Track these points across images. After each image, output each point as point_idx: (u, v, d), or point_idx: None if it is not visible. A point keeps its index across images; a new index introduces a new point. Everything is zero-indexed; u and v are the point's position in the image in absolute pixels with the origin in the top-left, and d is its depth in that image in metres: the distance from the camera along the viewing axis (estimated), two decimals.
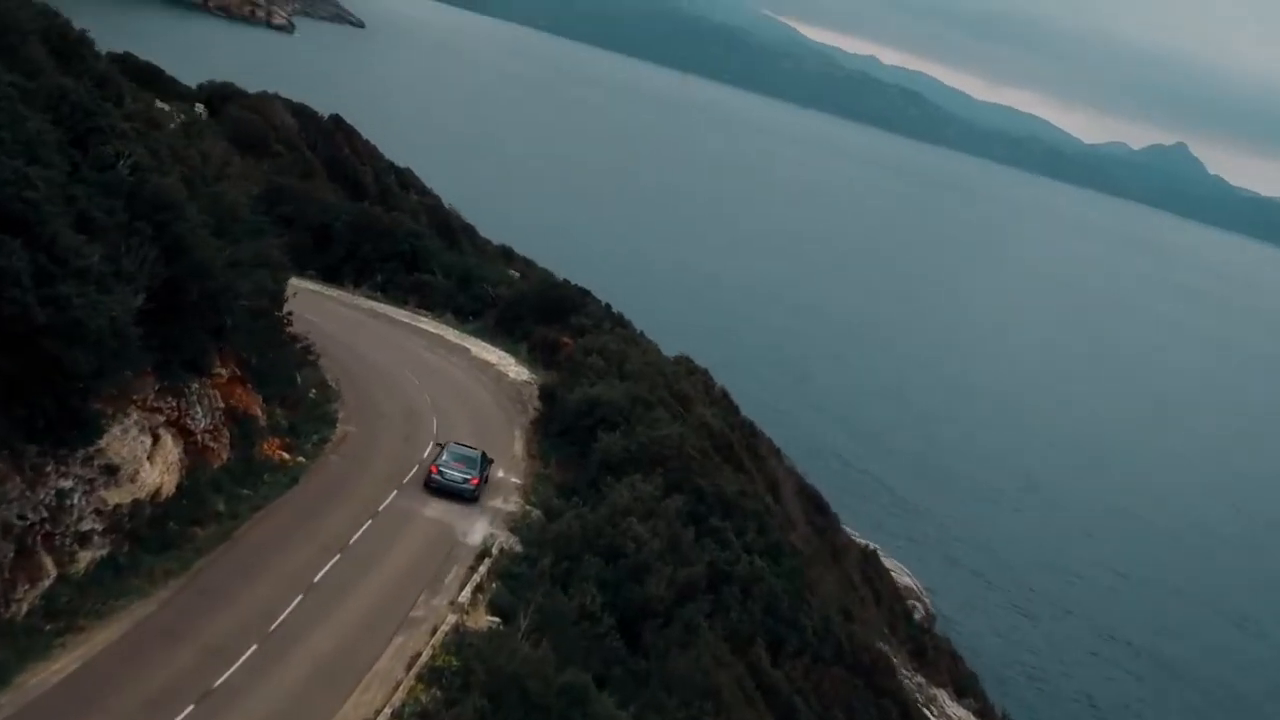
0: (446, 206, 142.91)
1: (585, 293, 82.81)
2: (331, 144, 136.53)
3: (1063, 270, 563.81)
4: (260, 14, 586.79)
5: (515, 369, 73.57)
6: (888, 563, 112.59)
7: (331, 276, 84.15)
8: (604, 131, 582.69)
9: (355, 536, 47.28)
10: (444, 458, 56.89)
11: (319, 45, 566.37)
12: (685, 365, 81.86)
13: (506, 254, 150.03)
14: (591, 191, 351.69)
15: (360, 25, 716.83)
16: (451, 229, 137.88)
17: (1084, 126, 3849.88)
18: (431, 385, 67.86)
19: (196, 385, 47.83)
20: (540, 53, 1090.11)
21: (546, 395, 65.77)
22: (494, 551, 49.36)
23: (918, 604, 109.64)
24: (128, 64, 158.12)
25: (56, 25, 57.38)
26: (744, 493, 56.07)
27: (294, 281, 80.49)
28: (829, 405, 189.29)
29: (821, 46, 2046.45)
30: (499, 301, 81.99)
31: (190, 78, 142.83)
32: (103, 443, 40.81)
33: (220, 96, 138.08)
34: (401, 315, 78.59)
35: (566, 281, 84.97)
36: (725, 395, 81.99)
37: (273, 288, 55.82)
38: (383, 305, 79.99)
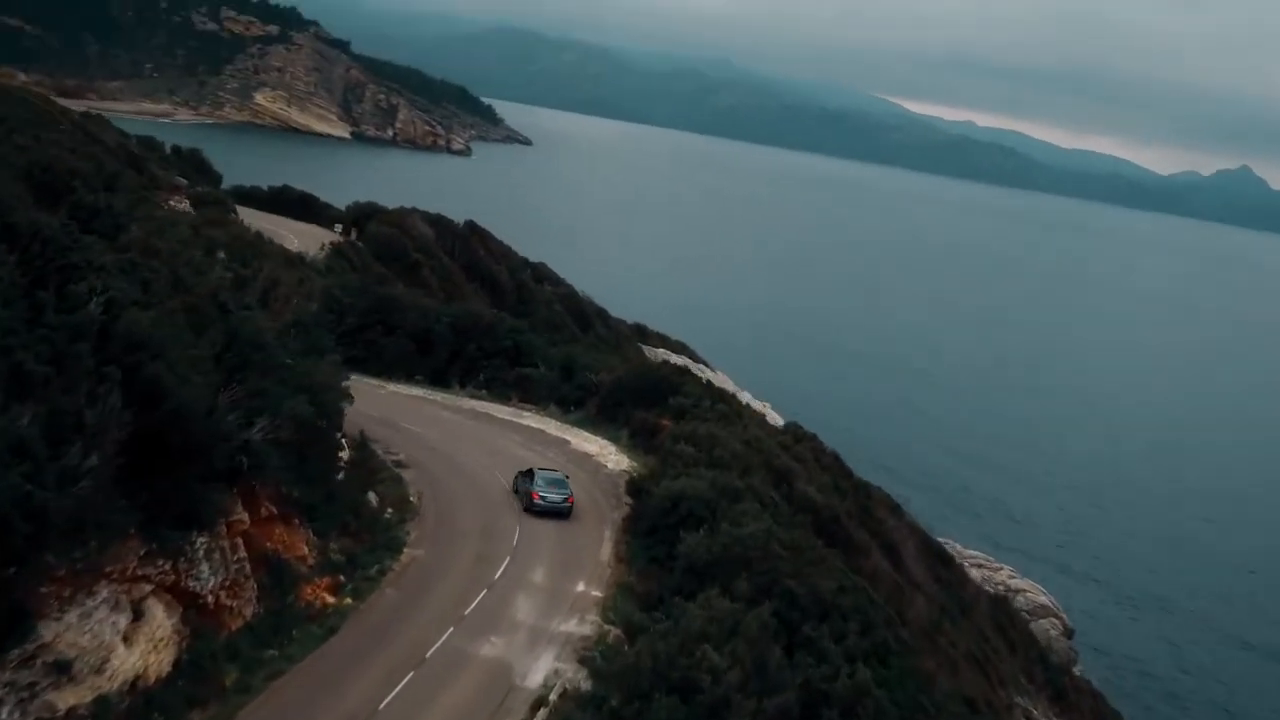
0: (580, 293, 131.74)
1: (684, 371, 70.72)
2: (468, 248, 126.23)
3: (1172, 289, 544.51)
4: (441, 142, 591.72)
5: (615, 458, 61.58)
6: (1021, 583, 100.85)
7: (439, 380, 73.20)
8: (739, 206, 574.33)
9: (388, 699, 35.23)
10: (539, 483, 54.43)
11: (493, 163, 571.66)
12: (793, 433, 69.39)
13: (640, 331, 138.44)
14: (738, 258, 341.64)
15: (528, 143, 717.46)
16: (584, 313, 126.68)
17: (1159, 160, 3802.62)
18: None
19: (203, 539, 36.27)
20: (678, 146, 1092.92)
21: (634, 490, 53.45)
22: (552, 698, 37.01)
23: (1055, 621, 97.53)
24: (284, 195, 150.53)
25: (41, 160, 47.08)
26: (843, 588, 43.29)
27: (397, 389, 69.81)
28: (969, 435, 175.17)
29: (924, 118, 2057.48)
30: (600, 389, 69.86)
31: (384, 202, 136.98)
32: (47, 636, 29.48)
33: (365, 215, 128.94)
34: (503, 412, 67.32)
35: (665, 362, 72.88)
36: (837, 459, 69.06)
37: (314, 411, 43.75)
38: (486, 404, 68.87)
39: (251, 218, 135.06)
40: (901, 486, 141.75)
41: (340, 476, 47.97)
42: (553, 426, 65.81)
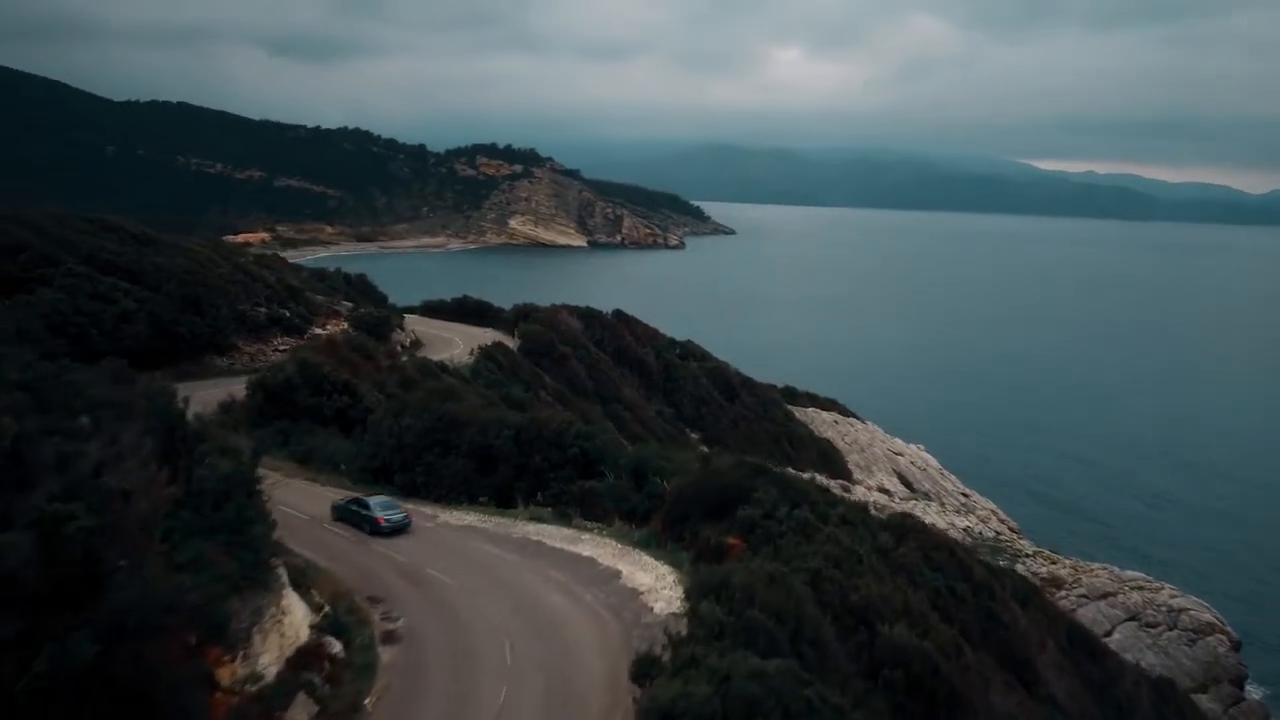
0: (726, 366, 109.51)
1: (760, 471, 47.72)
2: (615, 336, 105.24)
3: None
4: (660, 240, 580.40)
5: (668, 594, 39.27)
6: (1184, 601, 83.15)
7: (503, 498, 51.75)
8: (903, 260, 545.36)
9: None
10: (376, 509, 47.14)
11: (701, 251, 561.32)
12: (898, 529, 46.21)
13: (789, 393, 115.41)
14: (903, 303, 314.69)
15: (732, 232, 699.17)
16: (730, 384, 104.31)
17: (1252, 182, 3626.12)
18: (527, 664, 34.08)
19: None
20: (851, 220, 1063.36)
21: (641, 674, 31.14)
22: None
23: (1222, 637, 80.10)
24: (465, 304, 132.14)
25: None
26: None
27: (450, 517, 48.99)
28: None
29: (1053, 172, 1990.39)
30: (667, 498, 47.51)
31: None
32: None
33: (523, 316, 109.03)
34: (559, 538, 45.63)
35: (743, 460, 49.78)
36: (952, 553, 45.59)
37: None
38: (542, 528, 47.18)
39: (431, 326, 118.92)
40: (1054, 510, 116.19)
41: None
42: (610, 552, 44.06)
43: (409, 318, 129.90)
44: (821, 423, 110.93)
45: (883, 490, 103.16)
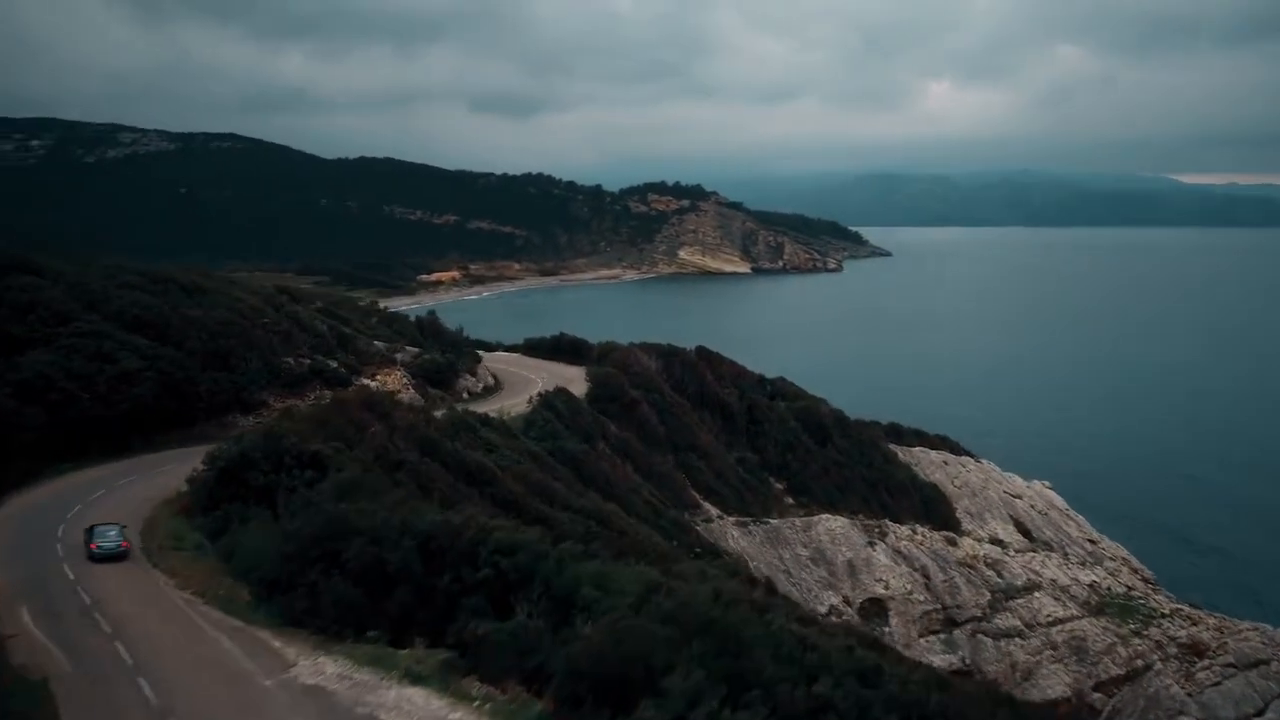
0: (820, 406, 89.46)
1: (701, 630, 28.11)
2: (697, 375, 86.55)
3: None
4: (819, 264, 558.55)
5: None
6: None
7: (401, 635, 33.62)
8: (1043, 276, 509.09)
9: None
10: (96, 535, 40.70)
11: (858, 273, 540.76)
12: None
13: (894, 431, 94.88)
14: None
15: (889, 254, 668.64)
16: (822, 425, 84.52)
17: None
18: None
19: None
20: (999, 239, 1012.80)
21: None
22: None
23: None
24: (560, 341, 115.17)
25: None
26: None
27: (305, 667, 31.44)
28: None
29: (1196, 185, 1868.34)
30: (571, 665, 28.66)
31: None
32: None
33: (602, 355, 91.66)
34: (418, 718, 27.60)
35: (682, 606, 29.92)
36: None
37: None
38: (411, 695, 29.15)
39: (523, 365, 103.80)
40: (1196, 554, 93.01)
41: None
42: None
43: (503, 355, 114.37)
44: (929, 464, 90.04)
45: (995, 541, 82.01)
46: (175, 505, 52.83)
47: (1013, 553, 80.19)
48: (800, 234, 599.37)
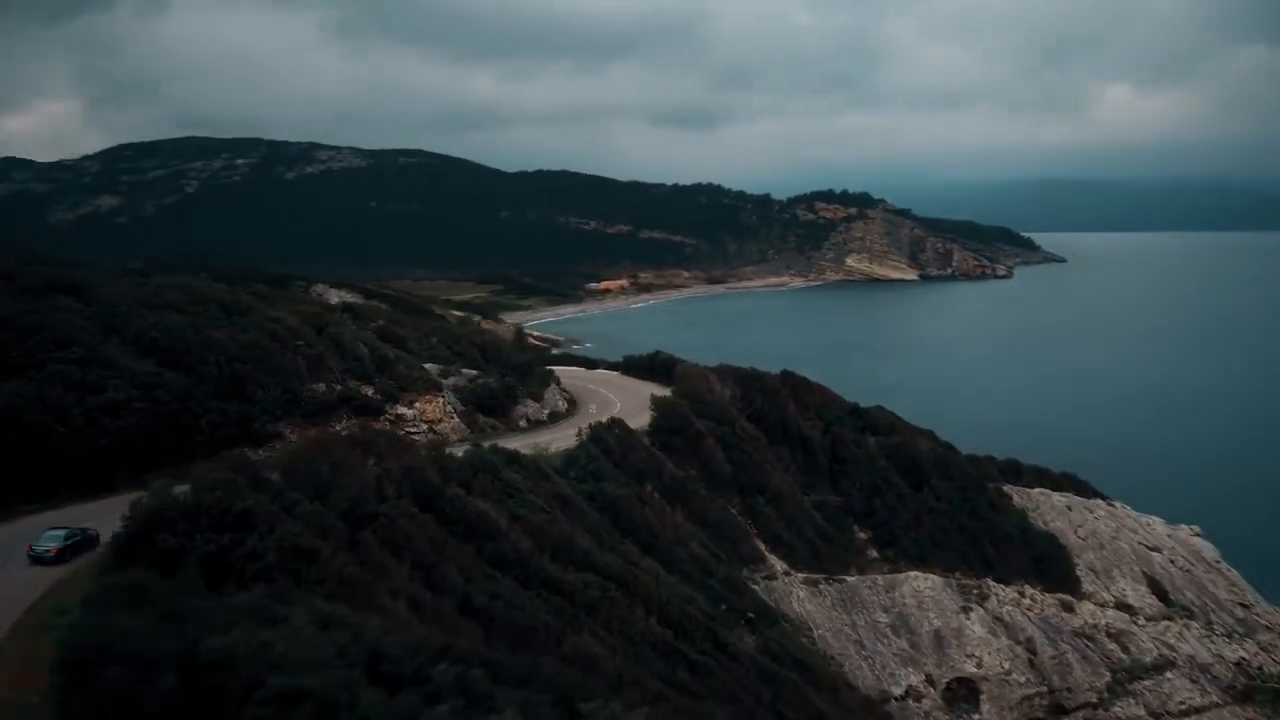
0: (916, 443, 74.52)
1: None
2: (777, 404, 73.14)
3: None
4: (989, 271, 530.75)
5: None
6: None
7: None
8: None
9: None
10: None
11: (1028, 280, 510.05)
12: None
13: (1011, 469, 79.53)
14: None
15: (1063, 260, 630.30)
16: (918, 465, 70.10)
17: None
18: None
19: None
20: (1174, 244, 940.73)
21: None
22: None
23: None
24: (655, 360, 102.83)
25: None
26: None
27: None
28: None
29: None
30: None
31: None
32: None
33: (682, 378, 79.59)
34: None
35: None
36: None
37: None
38: None
39: (612, 385, 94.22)
40: None
41: None
42: None
43: (602, 375, 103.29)
44: (1049, 510, 74.23)
45: (1123, 606, 66.17)
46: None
47: (1143, 621, 64.31)
48: (970, 240, 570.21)
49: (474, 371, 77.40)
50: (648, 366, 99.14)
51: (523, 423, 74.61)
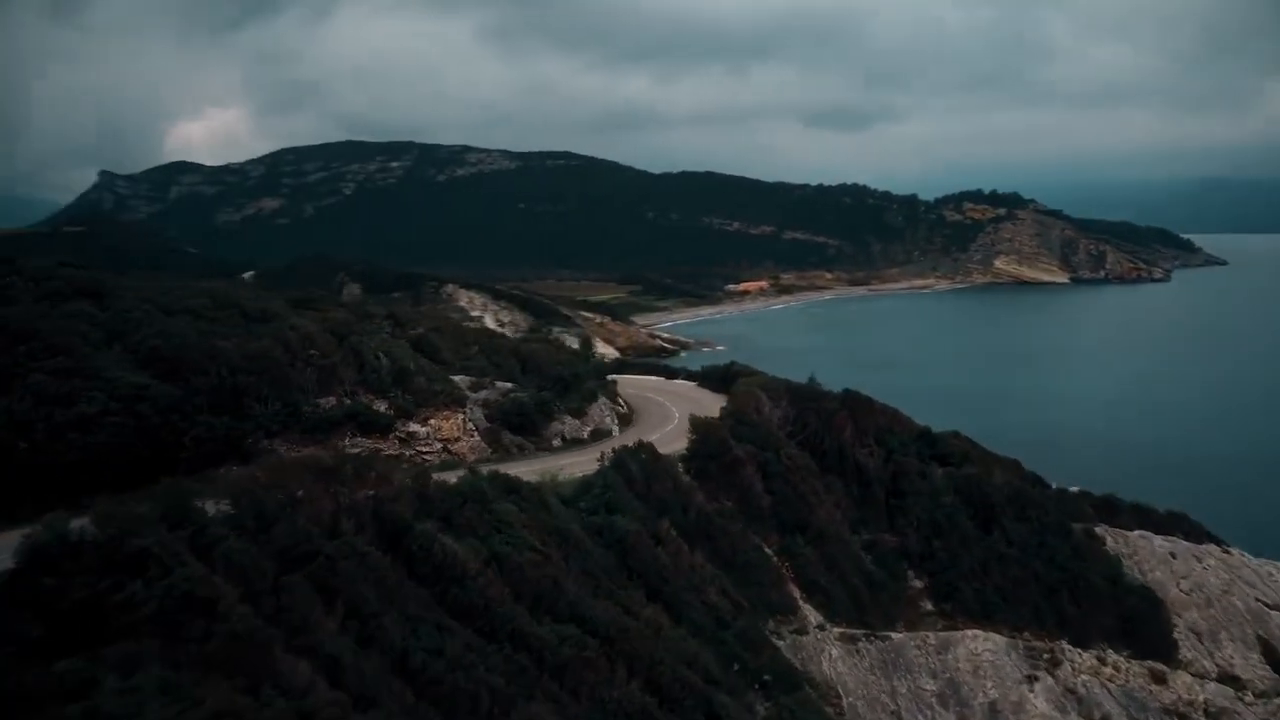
0: (988, 477, 63.72)
1: None
2: (833, 428, 63.74)
3: None
4: (1144, 274, 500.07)
5: None
6: None
7: None
8: None
9: None
10: None
11: (1185, 283, 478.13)
12: None
13: (1105, 506, 68.10)
14: None
15: (1224, 263, 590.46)
16: (989, 502, 59.92)
17: None
18: None
19: None
20: None
21: None
22: None
23: None
24: (729, 371, 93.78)
25: None
26: None
27: None
28: None
29: None
30: None
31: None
32: None
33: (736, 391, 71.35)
34: None
35: None
36: None
37: None
38: None
39: (681, 397, 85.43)
40: None
41: None
42: None
43: (680, 386, 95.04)
44: (1148, 557, 62.61)
45: (1228, 678, 54.73)
46: None
47: (1251, 698, 52.88)
48: (1125, 242, 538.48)
49: (509, 384, 70.28)
50: (721, 378, 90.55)
51: (557, 442, 67.10)
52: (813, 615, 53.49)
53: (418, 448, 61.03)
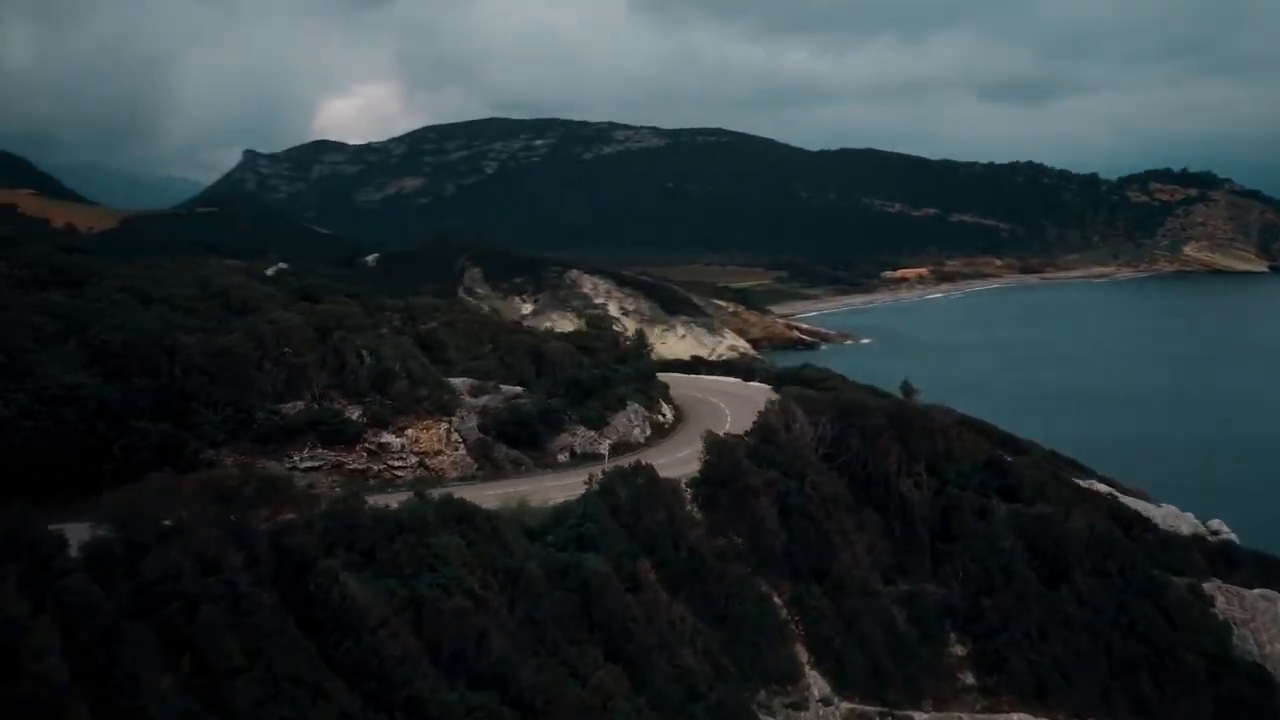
0: (1073, 515, 53.68)
1: None
2: (877, 452, 55.09)
3: None
4: None
5: None
6: None
7: None
8: None
9: None
10: None
11: None
12: None
13: (1220, 557, 57.40)
14: None
15: None
16: (1058, 550, 50.66)
17: None
18: None
19: None
20: None
21: None
22: None
23: None
24: (802, 373, 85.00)
25: None
26: None
27: None
28: None
29: None
30: None
31: None
32: None
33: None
34: None
35: None
36: None
37: None
38: None
39: (740, 398, 79.74)
40: None
41: None
42: None
43: (756, 388, 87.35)
44: (1271, 624, 51.92)
45: None
46: None
47: None
48: None
49: (518, 389, 63.87)
50: (794, 379, 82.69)
51: (563, 457, 60.35)
52: (818, 685, 45.30)
53: (389, 462, 55.25)
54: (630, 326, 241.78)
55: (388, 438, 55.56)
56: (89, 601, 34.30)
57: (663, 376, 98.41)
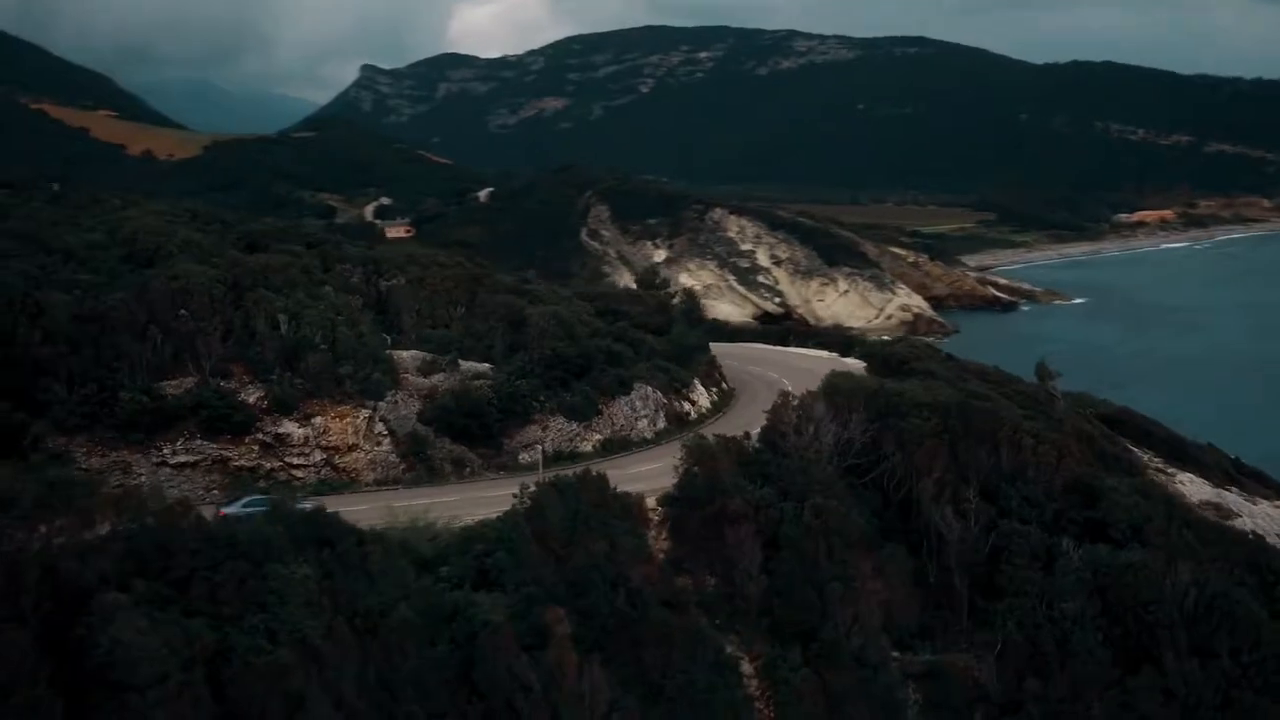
0: (1178, 568, 45.04)
1: None
2: (915, 465, 47.72)
3: None
4: None
5: None
6: None
7: None
8: None
9: None
10: None
11: None
12: None
13: None
14: None
15: None
16: (1149, 618, 42.59)
17: None
18: None
19: None
20: None
21: None
22: None
23: None
24: (891, 358, 76.97)
25: None
26: None
27: None
28: None
29: None
30: None
31: None
32: None
33: None
34: None
35: None
36: None
37: None
38: None
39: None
40: None
41: None
42: None
43: (851, 362, 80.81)
44: None
45: None
46: None
47: None
48: None
49: (485, 365, 58.39)
50: (884, 362, 75.34)
51: (527, 456, 54.60)
52: None
53: (287, 458, 50.63)
54: (781, 279, 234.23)
55: (288, 427, 50.97)
56: None
57: (739, 350, 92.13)
